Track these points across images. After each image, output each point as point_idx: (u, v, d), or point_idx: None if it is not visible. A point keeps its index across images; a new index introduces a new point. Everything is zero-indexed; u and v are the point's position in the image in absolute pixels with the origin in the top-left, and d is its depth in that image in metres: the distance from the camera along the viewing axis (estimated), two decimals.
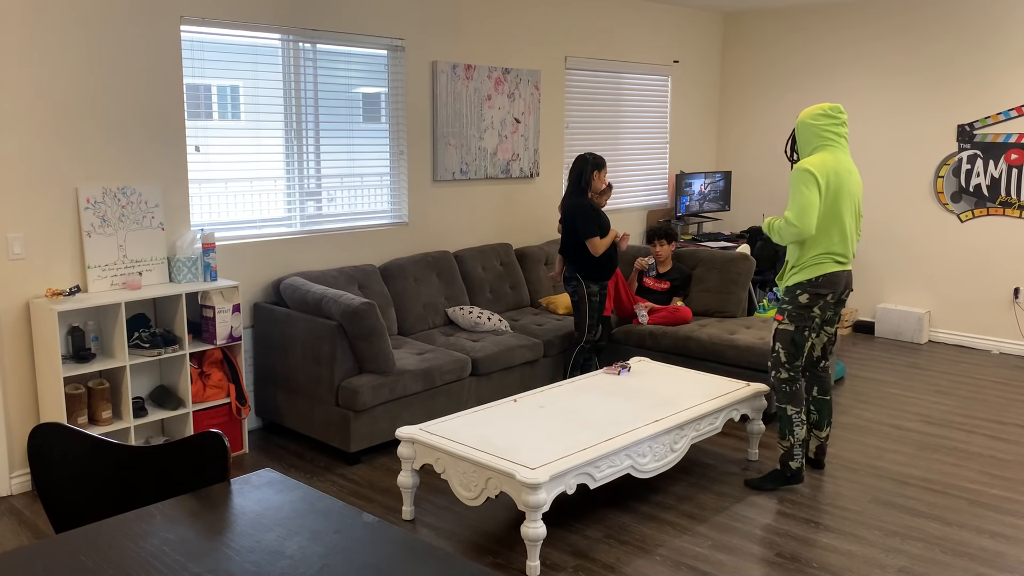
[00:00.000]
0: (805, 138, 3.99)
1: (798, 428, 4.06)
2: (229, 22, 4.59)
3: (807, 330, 4.00)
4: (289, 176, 5.03)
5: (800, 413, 4.05)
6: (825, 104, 3.99)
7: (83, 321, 4.19)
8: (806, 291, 3.95)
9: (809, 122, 3.97)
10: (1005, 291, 6.63)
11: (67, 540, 1.77)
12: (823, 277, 3.93)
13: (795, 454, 4.08)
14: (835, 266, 3.94)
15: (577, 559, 3.46)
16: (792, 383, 4.04)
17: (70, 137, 4.09)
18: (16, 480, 4.10)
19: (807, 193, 3.85)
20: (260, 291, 4.90)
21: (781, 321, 4.04)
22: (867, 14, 7.08)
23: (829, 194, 3.87)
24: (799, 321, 3.99)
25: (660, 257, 5.85)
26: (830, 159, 3.90)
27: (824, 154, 3.92)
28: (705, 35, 7.80)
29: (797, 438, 4.07)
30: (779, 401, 4.08)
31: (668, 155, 7.64)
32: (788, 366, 4.03)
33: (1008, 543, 3.62)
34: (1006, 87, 6.46)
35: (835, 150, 3.94)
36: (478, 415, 3.91)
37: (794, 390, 4.05)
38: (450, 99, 5.68)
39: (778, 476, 4.14)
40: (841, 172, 3.90)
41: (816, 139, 3.96)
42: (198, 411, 4.44)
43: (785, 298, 4.04)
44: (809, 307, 3.96)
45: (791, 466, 4.10)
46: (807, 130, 3.98)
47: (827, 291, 3.94)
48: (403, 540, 1.78)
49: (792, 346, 4.01)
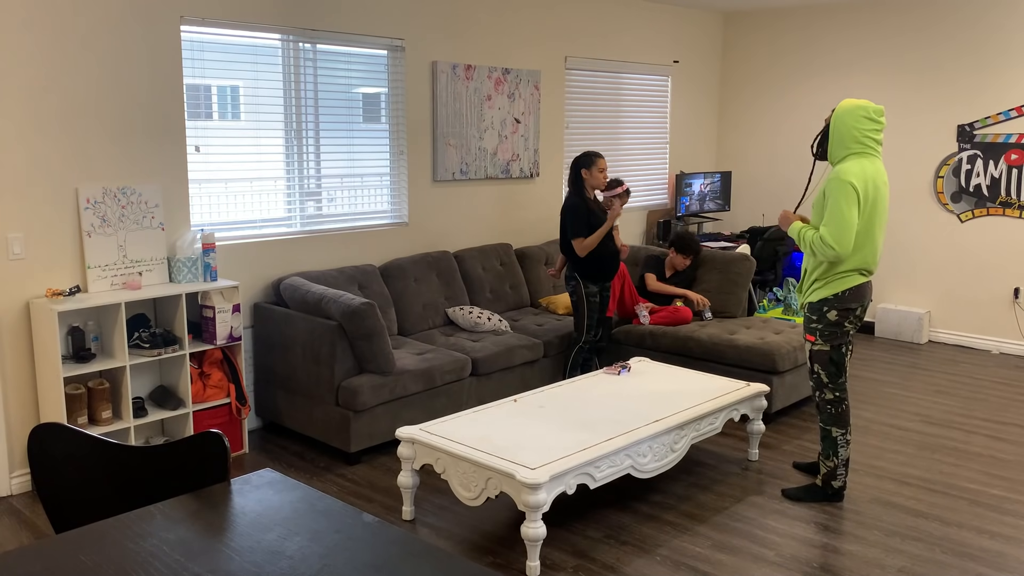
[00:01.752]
0: (841, 138, 3.70)
1: (843, 449, 3.89)
2: (229, 22, 4.59)
3: (843, 346, 3.81)
4: (289, 176, 5.03)
5: (846, 434, 3.87)
6: (869, 104, 3.68)
7: (83, 321, 4.19)
8: (833, 307, 3.75)
9: (851, 123, 3.67)
10: (1005, 291, 6.63)
11: (67, 540, 1.77)
12: (850, 291, 3.73)
13: (839, 474, 3.92)
14: (861, 279, 3.73)
15: (577, 559, 3.46)
16: (838, 404, 3.85)
17: (70, 137, 4.09)
18: (16, 480, 4.10)
19: (848, 211, 3.60)
20: (260, 291, 4.90)
21: (814, 342, 3.82)
22: (867, 14, 7.08)
23: (867, 208, 3.65)
24: (833, 339, 3.79)
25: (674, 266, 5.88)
26: (871, 169, 3.66)
27: (864, 163, 3.66)
28: (705, 35, 7.80)
29: (841, 459, 3.90)
30: (824, 422, 3.90)
31: (668, 155, 7.64)
32: (832, 386, 3.83)
33: (1008, 543, 3.62)
34: (1006, 87, 6.46)
35: (874, 159, 3.69)
36: (478, 415, 3.91)
37: (840, 411, 3.85)
38: (450, 99, 5.68)
39: (818, 492, 3.98)
40: (880, 184, 3.68)
41: (855, 144, 3.67)
42: (198, 411, 4.44)
43: (812, 316, 3.82)
44: (839, 323, 3.76)
45: (833, 485, 3.94)
46: (846, 131, 3.68)
47: (855, 305, 3.75)
48: (403, 540, 1.78)
49: (832, 365, 3.81)
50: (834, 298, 3.75)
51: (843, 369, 3.84)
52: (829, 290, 3.75)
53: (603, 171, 5.06)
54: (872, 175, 3.66)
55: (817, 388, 3.89)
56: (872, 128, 3.68)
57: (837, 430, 3.88)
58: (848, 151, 3.70)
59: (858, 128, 3.67)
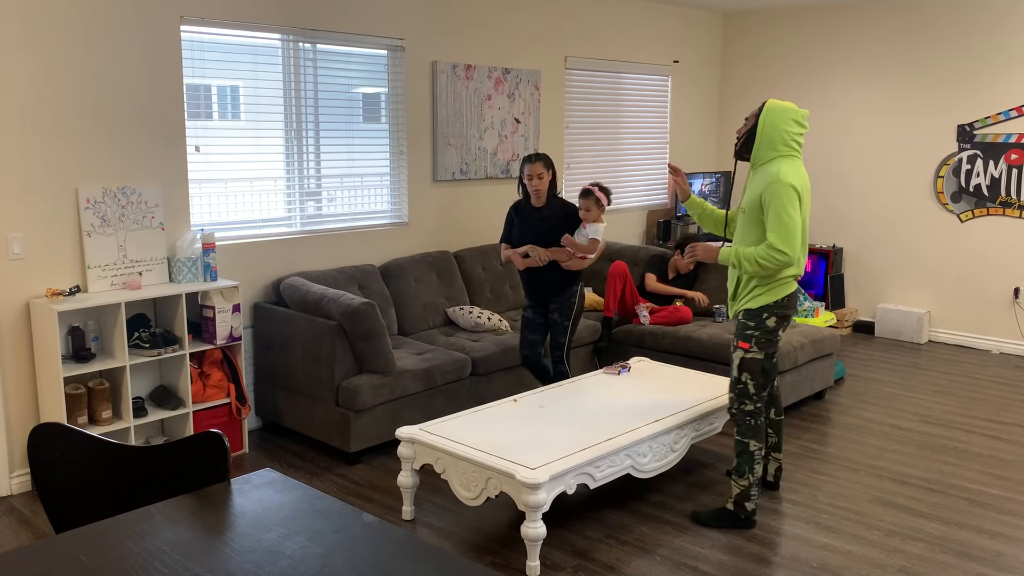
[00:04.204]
0: (771, 140, 3.57)
1: (758, 466, 3.70)
2: (229, 22, 4.59)
3: (775, 356, 3.70)
4: (289, 176, 5.03)
5: (761, 449, 3.70)
6: (796, 107, 3.61)
7: (83, 321, 4.19)
8: (773, 314, 3.60)
9: (780, 125, 3.57)
10: (1005, 291, 6.63)
11: (67, 540, 1.77)
12: (788, 297, 3.62)
13: (751, 494, 3.71)
14: (795, 284, 3.64)
15: (577, 559, 3.46)
16: (757, 416, 3.68)
17: (70, 137, 4.09)
18: (16, 480, 4.10)
19: (793, 214, 3.48)
20: (260, 291, 4.90)
21: (748, 349, 3.64)
22: (867, 14, 7.08)
23: (802, 211, 3.55)
24: (768, 347, 3.64)
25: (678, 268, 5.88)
26: (802, 171, 3.59)
27: (796, 165, 3.57)
28: (705, 35, 7.80)
29: (756, 476, 3.70)
30: (742, 435, 3.69)
31: (668, 155, 7.64)
32: (756, 396, 3.66)
33: (1008, 543, 3.62)
34: (1006, 87, 6.46)
35: (799, 161, 3.61)
36: (478, 415, 3.91)
37: (758, 423, 3.69)
38: (450, 99, 5.68)
39: (729, 516, 3.75)
40: (808, 187, 3.60)
41: (783, 146, 3.57)
42: (198, 411, 4.44)
43: (749, 323, 3.64)
44: (776, 331, 3.64)
45: (746, 507, 3.71)
46: (775, 133, 3.56)
47: (791, 311, 3.66)
48: (403, 540, 1.78)
49: (763, 375, 3.66)
50: (775, 304, 3.60)
51: (771, 380, 3.72)
52: (771, 296, 3.59)
53: (531, 179, 4.52)
54: (804, 178, 3.58)
55: (739, 399, 3.69)
56: (799, 132, 3.59)
57: (755, 444, 3.68)
58: (776, 153, 3.57)
59: (787, 131, 3.57)
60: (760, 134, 3.59)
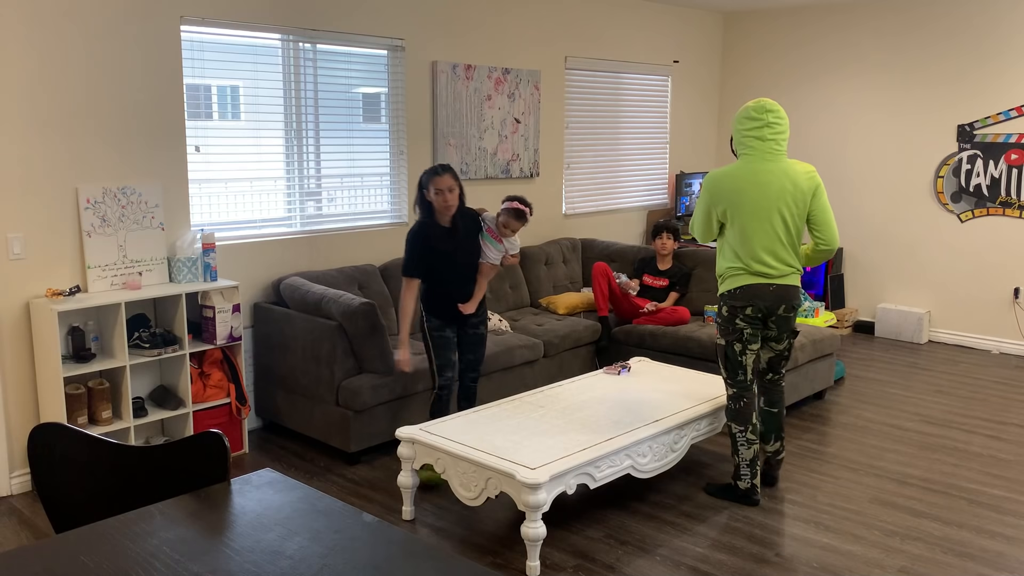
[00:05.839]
0: (737, 143, 3.81)
1: (743, 448, 3.87)
2: (229, 22, 4.59)
3: (736, 343, 3.82)
4: (289, 176, 5.03)
5: (745, 432, 3.86)
6: (752, 103, 3.73)
7: (83, 321, 4.19)
8: (726, 303, 3.83)
9: (736, 127, 3.78)
10: (1005, 291, 6.63)
11: (67, 540, 1.77)
12: (740, 289, 3.77)
13: (742, 474, 3.90)
14: (751, 278, 3.75)
15: (577, 559, 3.46)
16: (736, 400, 3.87)
17: (70, 137, 4.09)
18: (16, 480, 4.10)
19: (696, 211, 3.90)
20: (260, 291, 4.90)
21: (717, 336, 3.94)
22: (867, 14, 7.08)
23: (729, 210, 3.73)
24: (726, 335, 3.85)
25: (664, 251, 5.85)
26: (744, 170, 3.72)
27: (741, 163, 3.75)
28: (705, 35, 7.80)
29: (743, 458, 3.88)
30: (726, 418, 3.97)
31: (668, 155, 7.64)
32: (730, 381, 3.88)
33: (1008, 543, 3.62)
34: (1006, 87, 6.46)
35: (750, 159, 3.72)
36: (478, 415, 3.91)
37: (738, 407, 3.87)
38: (450, 99, 5.68)
39: (729, 490, 4.00)
40: (746, 186, 3.70)
41: (741, 146, 3.77)
42: (198, 411, 4.44)
43: (716, 310, 3.98)
44: (731, 319, 3.81)
45: (739, 486, 3.93)
46: (735, 135, 3.80)
47: (744, 303, 3.76)
48: (403, 540, 1.78)
49: (725, 360, 3.87)
50: (727, 295, 3.83)
51: (737, 367, 3.85)
52: (724, 287, 3.86)
53: (441, 193, 4.04)
54: (737, 177, 3.72)
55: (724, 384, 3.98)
56: (752, 127, 3.72)
57: (736, 427, 3.88)
58: (741, 154, 3.80)
59: (740, 130, 3.77)
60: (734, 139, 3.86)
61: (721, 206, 3.78)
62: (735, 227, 3.76)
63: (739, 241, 3.76)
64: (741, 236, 3.75)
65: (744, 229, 3.74)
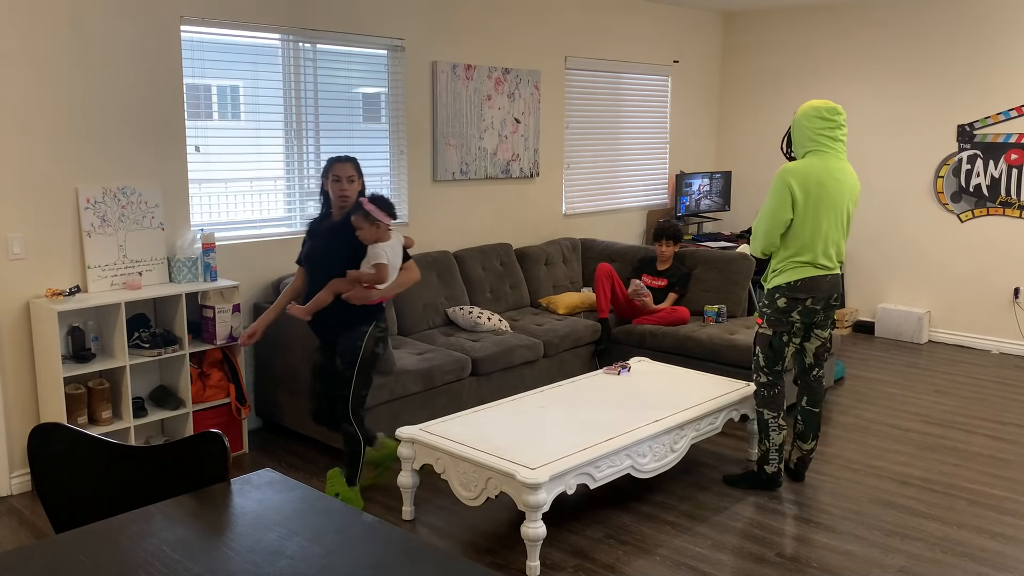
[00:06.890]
0: (800, 139, 3.92)
1: (775, 433, 4.03)
2: (229, 22, 4.59)
3: (785, 335, 3.96)
4: (289, 176, 5.03)
5: (777, 418, 4.03)
6: (821, 104, 3.87)
7: (83, 321, 4.19)
8: (784, 295, 3.91)
9: (804, 124, 3.89)
10: (1005, 291, 6.63)
11: (67, 540, 1.77)
12: (801, 281, 3.87)
13: (771, 459, 4.06)
14: (814, 270, 3.87)
15: (577, 559, 3.46)
16: (771, 387, 4.02)
17: (70, 137, 4.08)
18: (16, 480, 4.10)
19: (770, 203, 3.87)
20: (260, 291, 4.90)
21: (761, 325, 4.01)
22: (867, 14, 7.08)
23: (809, 202, 3.81)
24: (777, 326, 3.95)
25: (663, 257, 5.86)
26: (818, 166, 3.83)
27: (814, 160, 3.85)
28: (705, 35, 7.80)
29: (774, 443, 4.05)
30: (757, 404, 4.08)
31: (668, 155, 7.64)
32: (767, 370, 4.01)
33: (1008, 543, 3.62)
34: (1006, 87, 6.46)
35: (824, 156, 3.86)
36: (478, 415, 3.91)
37: (773, 395, 4.03)
38: (450, 99, 5.68)
39: (753, 478, 4.14)
40: (826, 180, 3.82)
41: (808, 142, 3.89)
42: (198, 411, 4.44)
43: (765, 301, 4.00)
44: (787, 311, 3.92)
45: (766, 470, 4.08)
46: (801, 131, 3.91)
47: (805, 295, 3.89)
48: (403, 540, 1.78)
49: (770, 350, 3.99)
50: (786, 287, 3.90)
51: (780, 356, 3.99)
52: (782, 279, 3.91)
53: (339, 181, 3.76)
54: (818, 171, 3.83)
55: (754, 371, 4.08)
56: (824, 126, 3.86)
57: (769, 412, 4.03)
58: (805, 149, 3.90)
59: (810, 128, 3.88)
60: (793, 136, 3.98)
61: (803, 196, 3.81)
62: (809, 220, 3.83)
63: (811, 234, 3.85)
64: (815, 229, 3.84)
65: (820, 223, 3.84)
